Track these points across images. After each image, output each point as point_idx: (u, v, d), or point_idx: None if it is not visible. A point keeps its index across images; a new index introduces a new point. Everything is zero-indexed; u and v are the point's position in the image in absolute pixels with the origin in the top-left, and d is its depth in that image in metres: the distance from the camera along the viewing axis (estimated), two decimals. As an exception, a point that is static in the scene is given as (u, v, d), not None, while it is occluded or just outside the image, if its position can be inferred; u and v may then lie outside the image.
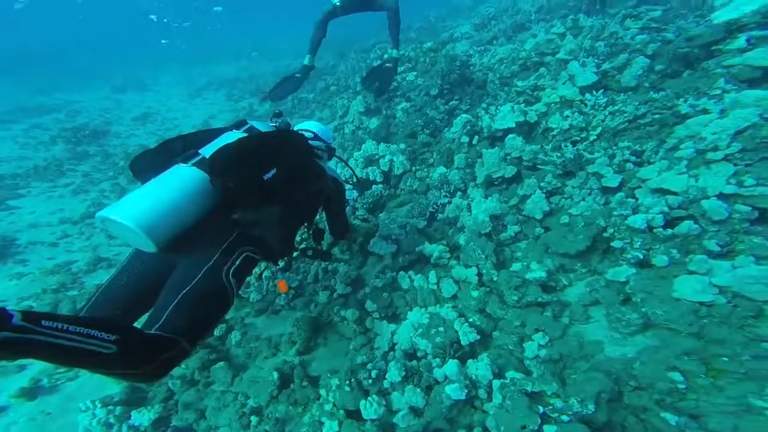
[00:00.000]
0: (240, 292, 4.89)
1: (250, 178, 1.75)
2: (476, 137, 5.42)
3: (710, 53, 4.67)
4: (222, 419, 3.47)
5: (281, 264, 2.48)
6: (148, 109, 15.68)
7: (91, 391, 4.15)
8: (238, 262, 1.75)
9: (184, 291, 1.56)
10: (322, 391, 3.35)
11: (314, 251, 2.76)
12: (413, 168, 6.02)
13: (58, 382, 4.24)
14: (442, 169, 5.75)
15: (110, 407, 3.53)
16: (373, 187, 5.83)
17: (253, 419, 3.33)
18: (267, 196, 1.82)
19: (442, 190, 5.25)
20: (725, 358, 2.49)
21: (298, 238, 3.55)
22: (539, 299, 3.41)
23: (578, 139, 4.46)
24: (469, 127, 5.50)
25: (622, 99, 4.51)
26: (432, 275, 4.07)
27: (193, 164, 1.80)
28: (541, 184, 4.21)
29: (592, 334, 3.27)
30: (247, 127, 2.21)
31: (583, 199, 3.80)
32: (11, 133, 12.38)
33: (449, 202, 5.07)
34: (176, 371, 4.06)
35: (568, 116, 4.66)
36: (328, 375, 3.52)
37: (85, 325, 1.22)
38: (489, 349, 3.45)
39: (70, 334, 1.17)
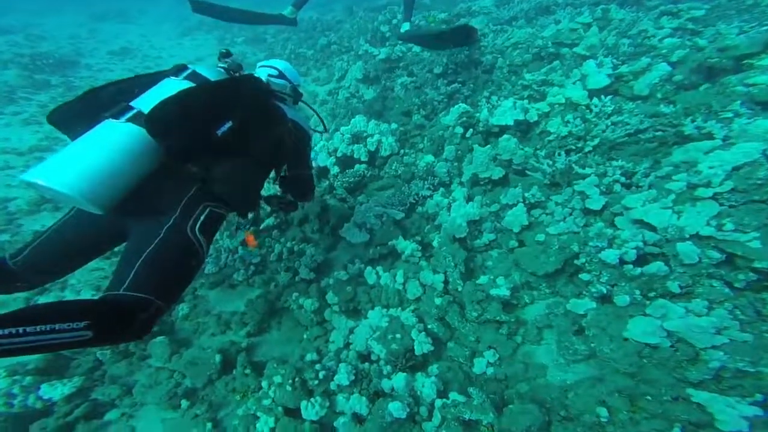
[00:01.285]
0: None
1: (199, 136, 1.62)
2: (470, 130, 5.10)
3: (739, 66, 4.37)
4: (150, 397, 3.36)
5: (250, 217, 2.33)
6: (128, 44, 14.16)
7: None
8: (202, 218, 1.69)
9: (148, 250, 1.52)
10: (264, 383, 3.27)
11: (279, 200, 2.58)
12: (401, 151, 5.71)
13: None
14: (429, 158, 5.46)
15: (17, 377, 3.21)
16: (356, 166, 5.52)
17: (184, 403, 3.23)
18: (223, 152, 1.70)
19: (426, 182, 5.01)
20: (649, 397, 2.61)
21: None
22: (497, 318, 3.36)
23: (573, 148, 4.23)
24: (465, 119, 5.15)
25: (629, 108, 4.22)
26: (400, 274, 3.93)
27: (128, 120, 1.59)
28: (526, 195, 4.02)
29: (540, 357, 3.26)
30: (188, 73, 1.91)
31: (564, 219, 3.64)
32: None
33: (431, 196, 4.85)
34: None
35: (568, 122, 4.37)
36: (275, 365, 3.42)
37: (45, 320, 1.16)
38: (441, 360, 3.43)
39: (36, 335, 1.13)
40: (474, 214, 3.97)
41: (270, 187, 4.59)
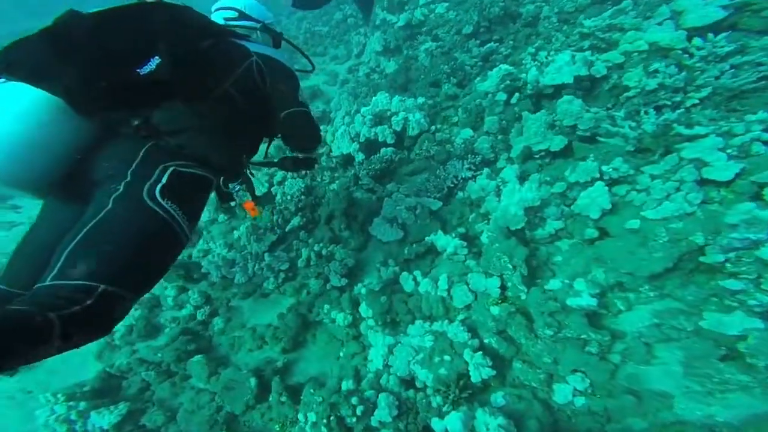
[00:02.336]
0: (225, 273, 4.19)
1: (105, 76, 1.19)
2: (516, 95, 3.90)
3: None
4: (193, 425, 2.95)
5: (237, 184, 1.78)
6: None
7: (71, 368, 3.77)
8: (164, 180, 1.27)
9: (90, 225, 1.12)
10: (301, 416, 2.68)
11: (292, 160, 2.00)
12: (432, 128, 4.66)
13: None
14: (467, 132, 4.37)
15: (72, 402, 3.06)
16: (383, 150, 4.60)
17: None
18: (162, 97, 1.30)
19: (465, 161, 3.97)
20: None
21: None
22: (584, 335, 2.39)
23: (668, 103, 2.94)
24: (508, 82, 3.94)
25: (760, 45, 2.82)
26: (443, 279, 3.07)
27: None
28: (604, 168, 2.87)
29: (656, 382, 2.24)
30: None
31: (668, 197, 2.49)
32: None
33: (473, 178, 3.83)
34: (150, 358, 3.55)
35: (657, 71, 3.05)
36: (311, 391, 2.82)
37: None
38: (506, 386, 2.59)
39: None
40: (532, 199, 2.92)
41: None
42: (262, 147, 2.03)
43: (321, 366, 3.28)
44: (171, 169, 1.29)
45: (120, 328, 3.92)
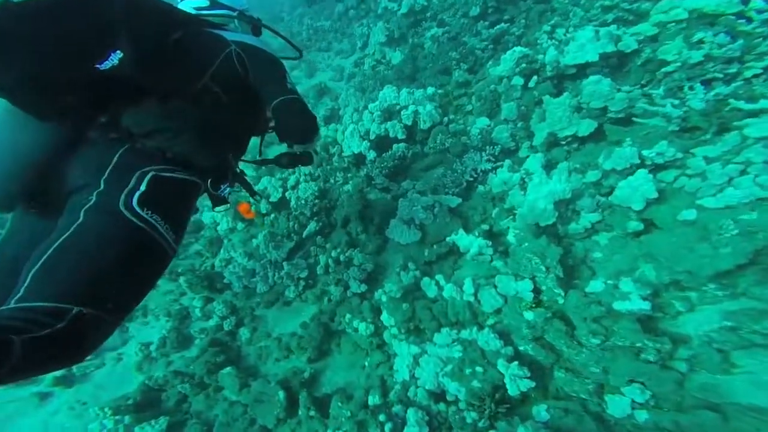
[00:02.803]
0: (246, 282, 4.07)
1: (68, 72, 1.00)
2: (534, 78, 3.48)
3: None
4: None
5: (227, 190, 1.51)
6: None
7: (116, 380, 3.83)
8: (143, 188, 1.08)
9: (59, 241, 0.96)
10: (330, 431, 2.53)
11: (288, 156, 1.71)
12: (445, 119, 4.30)
13: (87, 369, 3.96)
14: (483, 121, 3.98)
15: (118, 417, 3.08)
16: (394, 146, 4.29)
17: None
18: (130, 94, 1.11)
19: (484, 152, 3.62)
20: None
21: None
22: (638, 343, 2.07)
23: (719, 76, 2.47)
24: (524, 65, 3.52)
25: None
26: (468, 283, 2.79)
27: None
28: (645, 153, 2.46)
29: (743, 394, 1.85)
30: None
31: (730, 182, 2.08)
32: None
33: (494, 171, 3.48)
34: (184, 369, 3.53)
35: (702, 41, 2.57)
36: (339, 404, 2.66)
37: None
38: (549, 398, 2.32)
39: None
40: (563, 191, 2.56)
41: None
42: (255, 144, 1.80)
43: (347, 375, 3.12)
44: (150, 174, 1.12)
45: (154, 340, 3.93)
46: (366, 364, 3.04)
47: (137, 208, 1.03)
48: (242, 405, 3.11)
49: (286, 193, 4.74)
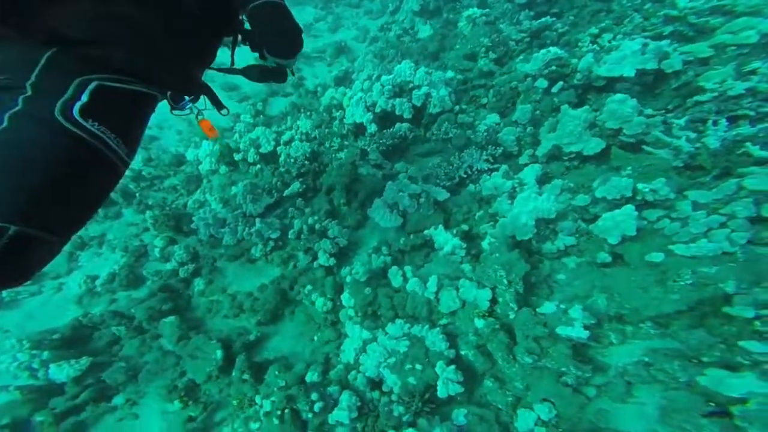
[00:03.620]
0: (213, 232, 4.20)
1: None
2: (560, 83, 3.51)
3: None
4: (152, 387, 3.06)
5: (187, 99, 1.49)
6: None
7: (50, 311, 3.86)
8: (85, 99, 1.01)
9: None
10: (258, 399, 2.73)
11: (260, 69, 1.62)
12: (456, 107, 4.34)
13: (18, 296, 3.99)
14: (494, 118, 4.03)
15: (36, 351, 3.16)
16: (397, 125, 4.35)
17: (176, 404, 2.87)
18: None
19: (485, 151, 3.70)
20: None
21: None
22: (564, 368, 2.26)
23: (751, 114, 2.52)
24: (554, 67, 3.54)
25: None
26: (432, 281, 2.93)
27: None
28: (640, 186, 2.56)
29: (626, 422, 2.14)
30: None
31: (707, 233, 2.20)
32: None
33: (488, 173, 3.57)
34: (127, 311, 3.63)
35: (756, 71, 2.60)
36: (276, 373, 2.86)
37: None
38: (471, 404, 2.51)
39: None
40: (548, 211, 2.67)
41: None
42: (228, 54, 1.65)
43: (294, 345, 3.31)
44: (94, 84, 1.04)
45: (102, 274, 4.05)
46: (315, 338, 3.23)
47: (79, 119, 0.98)
48: (176, 356, 3.24)
49: (278, 148, 4.84)
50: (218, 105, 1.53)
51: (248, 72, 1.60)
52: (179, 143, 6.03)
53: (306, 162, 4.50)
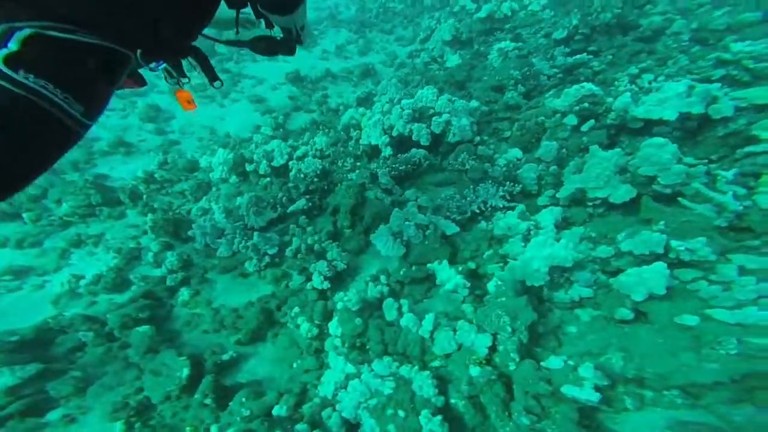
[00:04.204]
0: (209, 241, 4.23)
1: None
2: (591, 122, 3.46)
3: None
4: (100, 402, 2.93)
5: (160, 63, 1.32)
6: None
7: (23, 309, 3.85)
8: (14, 46, 0.88)
9: None
10: (214, 429, 2.58)
11: (268, 42, 1.52)
12: (477, 138, 4.33)
13: None
14: (516, 153, 3.98)
15: None
16: (413, 150, 4.38)
17: (119, 426, 2.74)
18: None
19: (502, 187, 3.61)
20: None
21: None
22: None
23: None
24: (586, 104, 3.51)
25: None
26: (428, 319, 2.78)
27: None
28: (674, 244, 2.38)
29: None
30: None
31: (757, 300, 1.98)
32: None
33: (503, 211, 3.47)
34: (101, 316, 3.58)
35: None
36: (242, 400, 2.71)
37: None
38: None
39: None
40: (564, 259, 2.52)
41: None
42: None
43: (271, 369, 3.18)
44: (27, 32, 0.94)
45: (89, 275, 4.05)
46: (295, 365, 3.09)
47: (4, 68, 0.88)
48: (139, 370, 3.13)
49: (290, 162, 4.95)
50: (211, 75, 1.38)
51: (255, 45, 1.52)
52: (198, 149, 6.30)
53: (316, 179, 4.56)
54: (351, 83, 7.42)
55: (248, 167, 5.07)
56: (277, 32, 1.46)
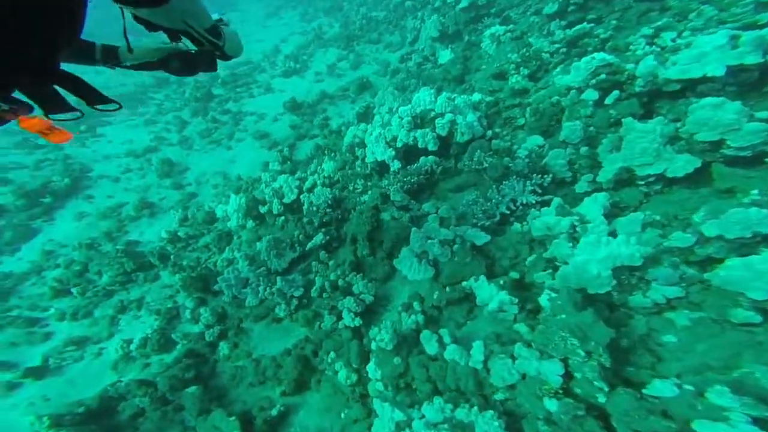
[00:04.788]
0: (236, 293, 3.93)
1: None
2: (615, 93, 2.88)
3: None
4: None
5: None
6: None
7: (90, 377, 3.86)
8: None
9: None
10: None
11: (183, 58, 1.16)
12: (488, 132, 3.81)
13: (63, 362, 4.05)
14: (536, 140, 3.43)
15: (54, 430, 3.05)
16: (422, 159, 3.91)
17: None
18: None
19: (529, 181, 3.09)
20: None
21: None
22: None
23: None
24: (603, 75, 2.94)
25: None
26: (477, 347, 2.32)
27: None
28: None
29: None
30: None
31: None
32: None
33: (537, 207, 2.94)
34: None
35: None
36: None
37: None
38: None
39: None
40: (630, 257, 1.98)
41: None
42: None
43: (320, 421, 2.83)
44: None
45: (136, 339, 3.93)
46: (343, 415, 2.70)
47: None
48: None
49: (301, 196, 4.61)
50: (91, 96, 0.95)
51: (167, 65, 1.18)
52: (214, 198, 6.09)
53: (329, 210, 4.19)
54: (349, 100, 7.05)
55: (262, 209, 4.76)
56: (185, 44, 1.06)
